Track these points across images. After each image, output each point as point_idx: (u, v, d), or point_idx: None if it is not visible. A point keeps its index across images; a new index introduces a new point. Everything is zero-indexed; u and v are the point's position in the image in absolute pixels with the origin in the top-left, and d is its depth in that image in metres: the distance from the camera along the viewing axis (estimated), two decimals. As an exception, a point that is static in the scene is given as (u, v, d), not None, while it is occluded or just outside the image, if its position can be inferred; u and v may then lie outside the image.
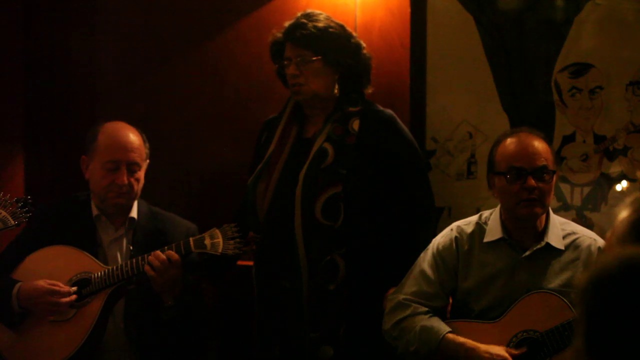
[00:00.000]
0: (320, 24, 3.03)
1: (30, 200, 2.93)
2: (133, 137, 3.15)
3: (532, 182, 2.74)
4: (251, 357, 3.23)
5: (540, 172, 2.75)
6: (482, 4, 3.46)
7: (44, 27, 4.03)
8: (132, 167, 3.11)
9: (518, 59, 3.43)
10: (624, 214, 1.50)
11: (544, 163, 2.76)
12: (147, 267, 2.94)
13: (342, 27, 3.09)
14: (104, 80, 3.97)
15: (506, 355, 2.68)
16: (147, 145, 3.20)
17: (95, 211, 3.17)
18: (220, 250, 2.95)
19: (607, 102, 3.34)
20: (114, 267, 3.00)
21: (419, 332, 2.77)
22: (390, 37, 3.56)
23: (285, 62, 3.06)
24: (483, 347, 2.71)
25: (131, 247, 3.12)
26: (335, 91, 3.06)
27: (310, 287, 2.98)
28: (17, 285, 3.02)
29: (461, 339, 2.74)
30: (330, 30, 3.04)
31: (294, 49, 3.04)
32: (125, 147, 3.11)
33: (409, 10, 3.52)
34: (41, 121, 4.04)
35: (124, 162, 3.10)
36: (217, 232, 2.98)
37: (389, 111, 3.12)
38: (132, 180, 3.11)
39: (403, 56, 3.55)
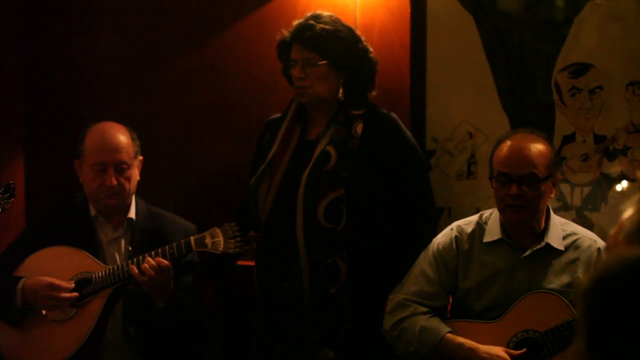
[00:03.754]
0: (329, 27, 3.00)
1: (12, 186, 2.91)
2: (119, 136, 3.14)
3: (516, 189, 2.74)
4: (251, 358, 3.22)
5: (526, 180, 2.75)
6: (482, 4, 3.45)
7: (44, 27, 4.03)
8: (120, 167, 3.10)
9: (518, 59, 3.43)
10: (629, 211, 1.49)
11: (531, 170, 2.75)
12: (136, 273, 2.93)
13: (350, 30, 3.06)
14: (104, 81, 3.97)
15: (505, 356, 2.68)
16: (137, 142, 3.18)
17: (93, 212, 3.18)
18: (221, 249, 2.95)
19: (607, 102, 3.33)
20: (115, 267, 3.00)
21: (419, 332, 2.78)
22: (390, 37, 3.56)
23: (292, 63, 3.05)
24: (482, 347, 2.71)
25: (130, 248, 3.12)
26: (340, 95, 3.05)
27: (311, 290, 2.98)
28: (22, 281, 3.03)
29: (460, 339, 2.75)
30: (339, 34, 3.01)
31: (300, 50, 3.02)
32: (111, 148, 3.11)
33: (409, 10, 3.52)
34: (41, 121, 4.04)
35: (110, 163, 3.09)
36: (218, 231, 2.98)
37: (392, 115, 3.11)
38: (122, 180, 3.10)
39: (403, 56, 3.54)
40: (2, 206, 2.87)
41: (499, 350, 2.70)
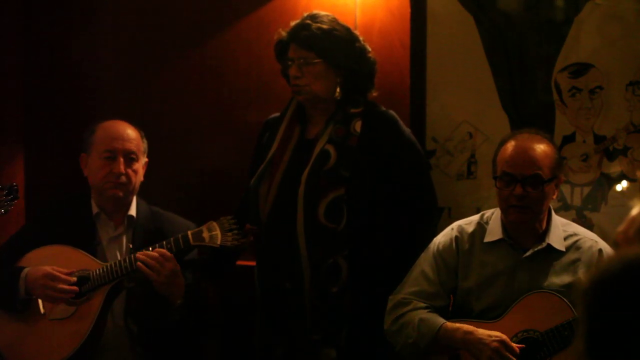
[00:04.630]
0: (325, 26, 3.02)
1: (16, 187, 2.93)
2: (130, 130, 3.20)
3: (520, 190, 2.74)
4: (252, 358, 3.22)
5: (531, 181, 2.75)
6: (482, 4, 3.45)
7: (44, 27, 4.03)
8: (130, 157, 3.13)
9: (518, 59, 3.43)
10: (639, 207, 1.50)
11: (536, 172, 2.75)
12: (142, 268, 2.94)
13: (347, 30, 3.08)
14: (104, 80, 3.97)
15: (504, 336, 2.68)
16: (145, 141, 3.22)
17: (95, 209, 3.19)
18: (219, 242, 2.96)
19: (607, 102, 3.33)
20: (112, 264, 3.01)
21: (418, 324, 2.78)
22: (390, 37, 3.56)
23: (289, 63, 3.06)
24: (481, 330, 2.72)
25: (130, 245, 3.13)
26: (337, 94, 3.05)
27: (312, 290, 2.98)
28: (26, 270, 3.04)
29: (457, 324, 2.75)
30: (335, 33, 3.03)
31: (297, 50, 3.04)
32: (123, 137, 3.15)
33: (409, 10, 3.52)
34: (41, 121, 4.04)
35: (120, 151, 3.13)
36: (215, 224, 2.99)
37: (391, 112, 3.12)
38: (130, 171, 3.13)
39: (403, 56, 3.54)
40: (5, 208, 2.88)
41: (497, 332, 2.70)
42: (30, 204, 3.98)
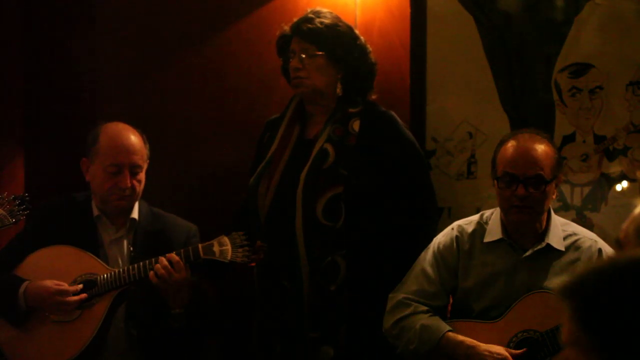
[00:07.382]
0: (328, 21, 3.06)
1: (27, 198, 2.93)
2: (134, 139, 3.15)
3: (522, 190, 2.74)
4: (251, 357, 3.23)
5: (533, 181, 2.75)
6: (482, 4, 3.45)
7: (44, 27, 4.03)
8: (135, 170, 3.12)
9: (518, 59, 3.43)
10: None
11: (538, 172, 2.75)
12: (151, 274, 2.94)
13: (349, 27, 3.11)
14: (104, 81, 3.97)
15: (506, 354, 2.69)
16: (147, 145, 3.21)
17: (95, 211, 3.18)
18: (229, 258, 2.94)
19: (607, 102, 3.33)
20: (122, 270, 2.99)
21: (419, 330, 2.78)
22: (390, 37, 3.56)
23: (290, 55, 3.07)
24: (483, 345, 2.72)
25: (131, 248, 3.13)
26: (338, 91, 3.07)
27: (310, 288, 2.98)
28: (24, 284, 3.02)
29: (460, 337, 2.75)
30: (337, 28, 3.06)
31: (299, 42, 3.06)
32: (128, 150, 3.11)
33: (409, 10, 3.52)
34: (41, 121, 4.04)
35: (126, 165, 3.10)
36: (226, 239, 2.97)
37: (390, 112, 3.13)
38: (135, 182, 3.11)
39: (403, 56, 3.55)
40: (17, 217, 2.89)
41: (499, 349, 2.70)
42: (31, 205, 3.98)
